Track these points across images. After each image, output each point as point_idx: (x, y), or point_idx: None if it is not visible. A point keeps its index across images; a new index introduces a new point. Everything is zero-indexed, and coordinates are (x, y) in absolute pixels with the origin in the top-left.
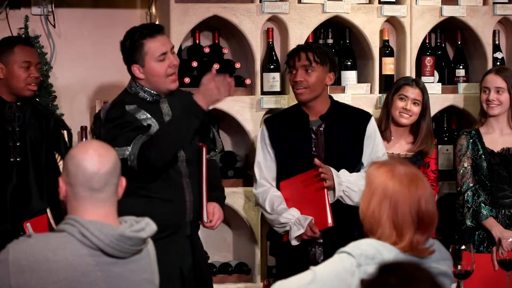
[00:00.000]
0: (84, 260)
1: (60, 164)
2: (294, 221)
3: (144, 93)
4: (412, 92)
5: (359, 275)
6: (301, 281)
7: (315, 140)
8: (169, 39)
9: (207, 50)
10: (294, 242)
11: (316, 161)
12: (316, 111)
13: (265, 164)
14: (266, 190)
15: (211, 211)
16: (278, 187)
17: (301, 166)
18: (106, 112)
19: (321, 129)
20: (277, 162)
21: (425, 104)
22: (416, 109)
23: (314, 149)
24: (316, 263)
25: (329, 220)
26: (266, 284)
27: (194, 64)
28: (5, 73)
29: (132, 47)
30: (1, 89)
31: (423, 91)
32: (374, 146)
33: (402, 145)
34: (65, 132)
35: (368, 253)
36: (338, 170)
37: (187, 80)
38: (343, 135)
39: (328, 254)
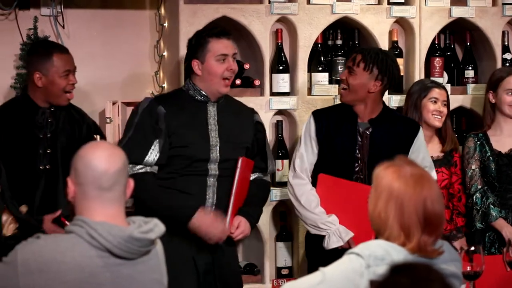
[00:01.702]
0: (93, 261)
1: None
2: (334, 230)
3: (194, 91)
4: (440, 94)
5: (368, 276)
6: (311, 281)
7: (360, 143)
8: (234, 45)
9: None
10: (328, 248)
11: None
12: (365, 114)
13: (306, 156)
14: (304, 184)
15: (236, 224)
16: (315, 178)
17: (342, 165)
18: (143, 101)
19: (368, 132)
20: (318, 157)
21: (448, 105)
22: (445, 110)
23: (357, 151)
24: None
25: None
26: (275, 285)
27: None
28: (45, 82)
29: (197, 43)
30: (37, 95)
31: (446, 91)
32: (421, 157)
33: (434, 147)
34: (98, 137)
35: (377, 254)
36: None
37: None
38: (389, 142)
39: None
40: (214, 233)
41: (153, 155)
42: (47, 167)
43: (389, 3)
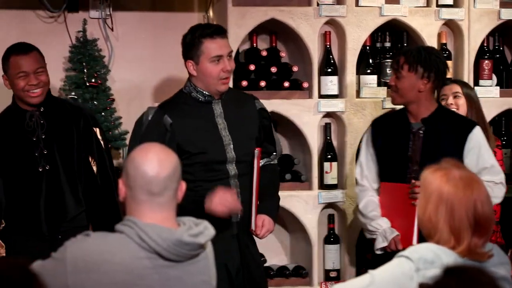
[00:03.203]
0: (142, 263)
1: (94, 166)
2: (381, 231)
3: (196, 93)
4: (449, 89)
5: (417, 279)
6: (359, 284)
7: (412, 143)
8: (228, 43)
9: (264, 53)
10: (378, 252)
11: (413, 181)
12: (418, 114)
13: (366, 164)
14: (364, 191)
15: (260, 224)
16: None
17: (396, 166)
18: (148, 111)
19: (421, 132)
20: (378, 164)
21: (468, 97)
22: (461, 101)
23: (410, 151)
24: None
25: (414, 241)
26: (323, 287)
27: (252, 67)
28: (9, 86)
29: (191, 43)
30: (16, 99)
31: (462, 85)
32: (480, 157)
33: None
34: (97, 130)
35: (427, 257)
36: None
37: (244, 83)
38: (442, 141)
39: None
40: (228, 201)
41: None
42: (46, 168)
43: (437, 5)
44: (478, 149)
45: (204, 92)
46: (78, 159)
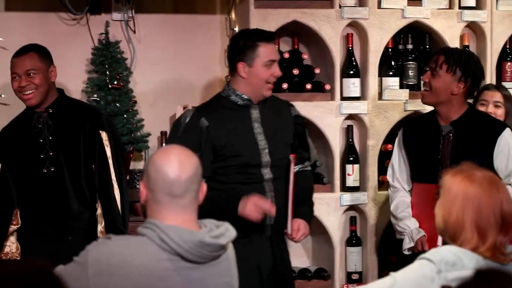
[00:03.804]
0: (163, 265)
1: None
2: (408, 232)
3: (235, 96)
4: (491, 96)
5: (439, 282)
6: (381, 286)
7: (442, 145)
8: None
9: (286, 55)
10: (406, 252)
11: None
12: (448, 116)
13: (398, 166)
14: (396, 192)
15: (296, 228)
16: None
17: (426, 169)
18: (185, 113)
19: (450, 134)
20: (410, 166)
21: (507, 109)
22: (500, 111)
23: (440, 154)
24: None
25: (439, 243)
26: None
27: None
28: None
29: (245, 46)
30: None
31: (505, 96)
32: (510, 159)
33: None
34: (103, 133)
35: (448, 259)
36: None
37: None
38: (472, 143)
39: None
40: (262, 208)
41: None
42: (51, 169)
43: (460, 8)
44: (508, 151)
45: (244, 96)
46: (85, 162)
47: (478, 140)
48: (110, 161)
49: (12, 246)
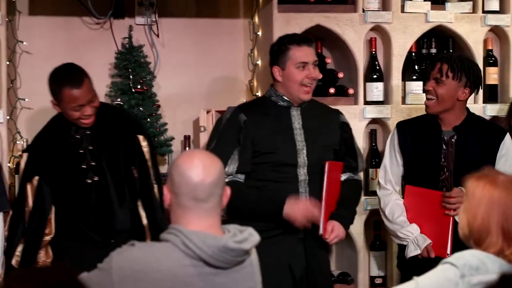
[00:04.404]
0: (187, 271)
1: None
2: (412, 239)
3: (276, 97)
4: None
5: (462, 286)
6: None
7: (445, 151)
8: (314, 52)
9: None
10: (408, 256)
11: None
12: (449, 122)
13: (390, 167)
14: (389, 195)
15: (330, 229)
16: (403, 189)
17: (428, 174)
18: (226, 111)
19: (453, 140)
20: (404, 168)
21: None
22: None
23: (443, 159)
24: None
25: (448, 251)
26: None
27: None
28: (60, 110)
29: (278, 50)
30: (64, 116)
31: None
32: (509, 164)
33: None
34: (141, 137)
35: (472, 263)
36: None
37: None
38: (475, 149)
39: None
40: (309, 212)
41: (232, 165)
42: (95, 179)
43: (484, 12)
44: (510, 155)
45: (284, 97)
46: (125, 167)
47: (481, 146)
48: (149, 164)
49: (43, 254)
